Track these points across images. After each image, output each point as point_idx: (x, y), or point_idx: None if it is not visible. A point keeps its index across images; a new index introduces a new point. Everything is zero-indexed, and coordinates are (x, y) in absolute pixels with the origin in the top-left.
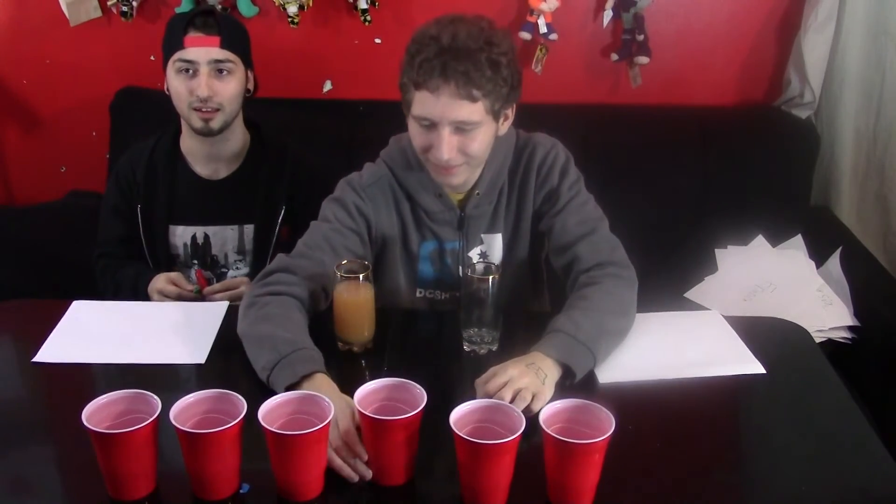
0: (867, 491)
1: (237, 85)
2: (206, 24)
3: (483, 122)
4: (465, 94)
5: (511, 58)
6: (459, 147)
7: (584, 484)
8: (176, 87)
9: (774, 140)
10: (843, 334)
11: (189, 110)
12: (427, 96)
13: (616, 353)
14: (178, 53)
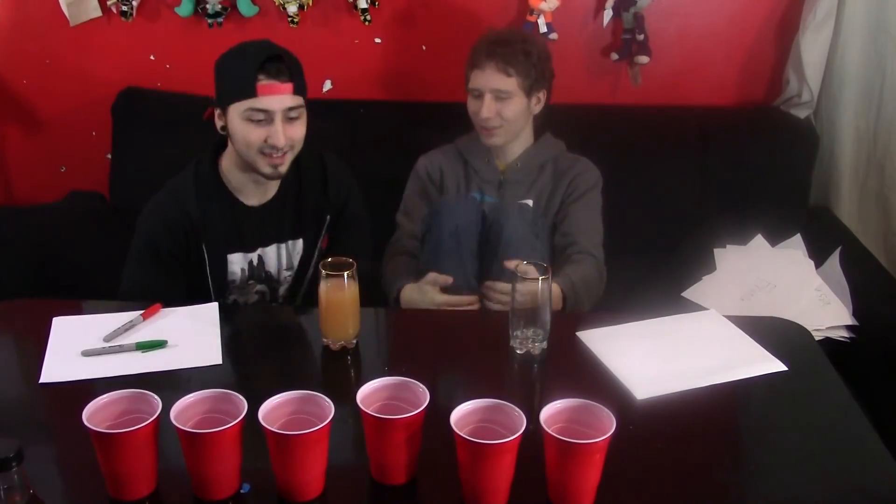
0: (867, 490)
1: (304, 127)
2: (279, 72)
3: (515, 94)
4: (502, 68)
5: (541, 53)
6: (497, 111)
7: (584, 484)
8: (245, 135)
9: (774, 140)
10: (842, 334)
11: (257, 155)
12: (477, 72)
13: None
14: (251, 102)
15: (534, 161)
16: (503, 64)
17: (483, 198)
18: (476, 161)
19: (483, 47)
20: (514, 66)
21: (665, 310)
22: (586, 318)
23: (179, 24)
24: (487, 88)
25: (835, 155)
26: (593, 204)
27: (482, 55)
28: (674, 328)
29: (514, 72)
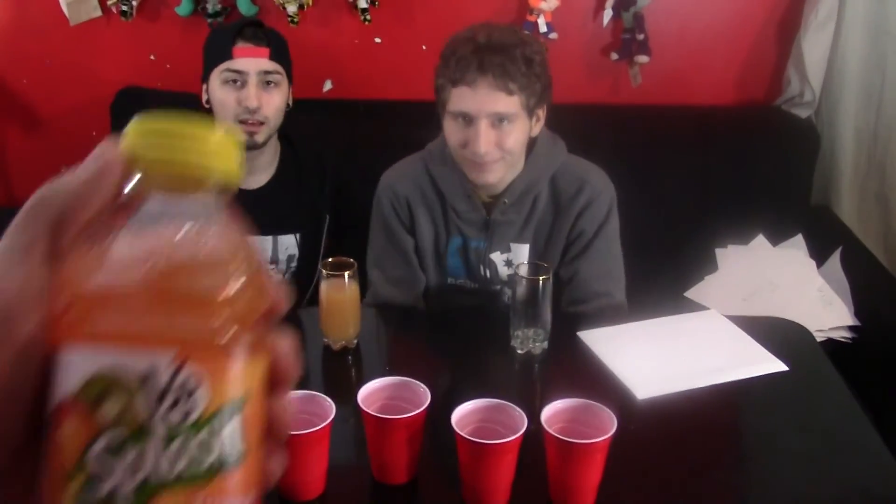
0: (868, 490)
1: (282, 98)
2: (255, 36)
3: (518, 117)
4: (501, 85)
5: (543, 58)
6: (496, 142)
7: (585, 484)
8: (222, 98)
9: (774, 140)
10: (844, 334)
11: (234, 122)
12: (465, 91)
13: (644, 366)
14: (227, 63)
15: (528, 191)
16: (502, 79)
17: (465, 242)
18: (454, 197)
19: (471, 56)
20: (515, 79)
21: (667, 310)
22: (587, 318)
23: (179, 24)
24: (483, 112)
25: (836, 155)
26: (607, 242)
27: (471, 67)
28: (674, 328)
29: (516, 88)
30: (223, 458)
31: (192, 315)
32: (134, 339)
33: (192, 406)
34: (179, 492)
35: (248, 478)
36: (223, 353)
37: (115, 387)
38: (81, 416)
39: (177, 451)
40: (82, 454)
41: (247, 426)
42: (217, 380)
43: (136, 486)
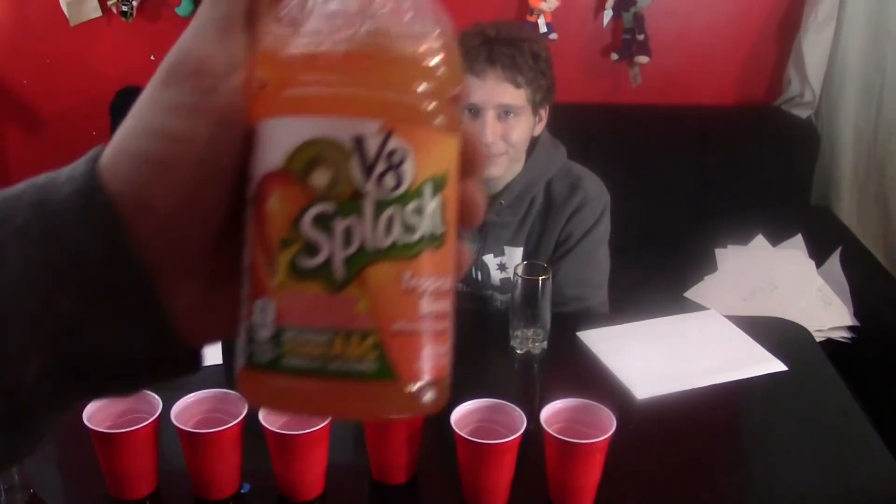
0: (868, 491)
1: None
2: None
3: (524, 111)
4: (509, 77)
5: (548, 56)
6: (502, 134)
7: (585, 484)
8: None
9: (774, 140)
10: (843, 334)
11: None
12: (473, 81)
13: (643, 366)
14: None
15: (525, 193)
16: (511, 70)
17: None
18: None
19: (480, 47)
20: (523, 72)
21: (666, 310)
22: (586, 318)
23: (179, 24)
24: (490, 104)
25: (835, 155)
26: (591, 247)
27: (480, 57)
28: (674, 328)
29: (523, 81)
30: (427, 235)
31: (399, 83)
32: (342, 107)
33: (401, 177)
34: (389, 263)
35: (448, 260)
36: (428, 124)
37: (326, 155)
38: (292, 186)
39: (387, 222)
40: (295, 223)
41: (447, 206)
42: (422, 153)
43: (350, 254)
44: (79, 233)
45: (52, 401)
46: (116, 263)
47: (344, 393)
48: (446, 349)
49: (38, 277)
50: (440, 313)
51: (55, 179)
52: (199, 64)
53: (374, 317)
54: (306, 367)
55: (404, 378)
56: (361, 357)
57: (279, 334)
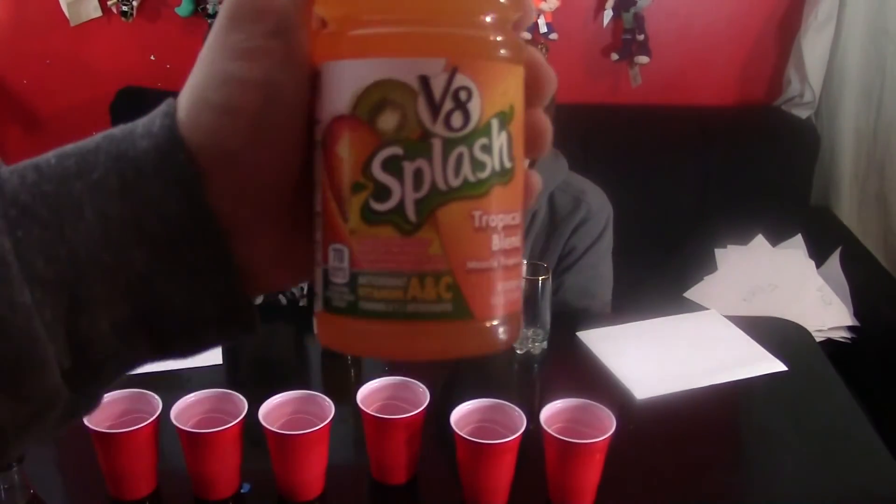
0: (868, 491)
1: None
2: None
3: None
4: None
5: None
6: None
7: (584, 484)
8: None
9: (774, 140)
10: (843, 334)
11: None
12: None
13: (643, 366)
14: None
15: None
16: None
17: None
18: None
19: None
20: None
21: (666, 310)
22: (586, 318)
23: (179, 24)
24: None
25: (835, 155)
26: (595, 260)
27: None
28: (674, 328)
29: None
30: (497, 171)
31: (460, 16)
32: (405, 47)
33: (468, 114)
34: (460, 203)
35: (517, 193)
36: (492, 57)
37: (392, 97)
38: (360, 130)
39: (456, 162)
40: (365, 168)
41: (514, 140)
42: (488, 88)
43: (421, 196)
44: (156, 188)
45: (118, 358)
46: (192, 219)
47: (421, 334)
48: (518, 283)
49: (113, 232)
50: (511, 248)
51: (132, 133)
52: (263, 4)
53: (448, 257)
54: (383, 311)
55: (480, 316)
56: (437, 298)
57: (355, 279)
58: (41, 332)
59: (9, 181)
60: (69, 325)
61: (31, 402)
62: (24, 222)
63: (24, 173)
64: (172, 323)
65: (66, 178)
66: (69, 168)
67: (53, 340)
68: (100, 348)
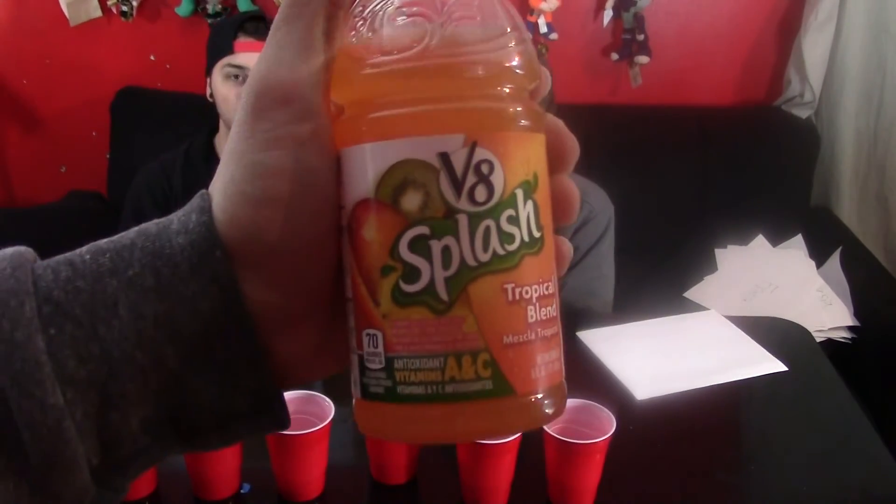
0: (868, 491)
1: None
2: (256, 30)
3: None
4: None
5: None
6: None
7: (584, 484)
8: (224, 93)
9: (774, 140)
10: (843, 334)
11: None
12: None
13: (643, 366)
14: (228, 58)
15: None
16: None
17: None
18: None
19: None
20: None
21: (666, 310)
22: (586, 318)
23: (179, 24)
24: None
25: (835, 155)
26: (597, 260)
27: None
28: (674, 328)
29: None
30: (526, 241)
31: (475, 90)
32: (422, 126)
33: (492, 187)
34: (492, 277)
35: (548, 262)
36: (510, 128)
37: (414, 177)
38: (385, 212)
39: (484, 236)
40: (393, 250)
41: (541, 208)
42: (509, 158)
43: (451, 274)
44: (192, 286)
45: (147, 453)
46: (227, 316)
47: (464, 414)
48: (558, 353)
49: (147, 330)
50: (548, 318)
51: (167, 229)
52: (286, 90)
53: (484, 334)
54: (422, 394)
55: (521, 391)
56: (476, 376)
57: (390, 363)
58: (72, 433)
59: (42, 277)
60: (100, 423)
61: (60, 500)
62: (57, 320)
63: (58, 269)
64: (203, 418)
65: (101, 276)
66: (103, 265)
67: (84, 439)
68: (129, 445)
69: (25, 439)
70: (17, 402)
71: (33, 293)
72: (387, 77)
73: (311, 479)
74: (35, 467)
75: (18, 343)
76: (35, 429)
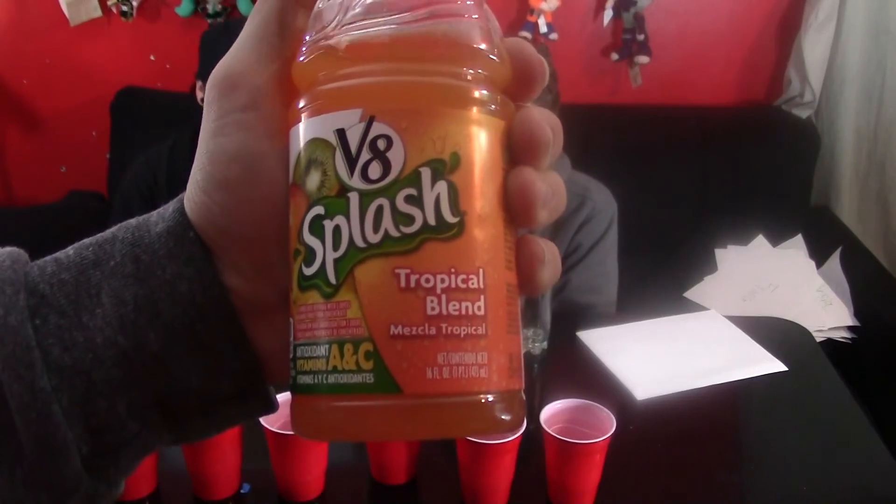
0: (868, 491)
1: None
2: None
3: None
4: None
5: (552, 72)
6: None
7: (584, 484)
8: None
9: (774, 140)
10: (843, 334)
11: None
12: None
13: (643, 366)
14: None
15: None
16: None
17: None
18: None
19: None
20: None
21: (666, 310)
22: (586, 318)
23: (179, 24)
24: None
25: (836, 155)
26: (601, 257)
27: None
28: (674, 328)
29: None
30: (429, 226)
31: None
32: (327, 104)
33: (388, 164)
34: (382, 260)
35: (469, 253)
36: (419, 103)
37: (316, 156)
38: (297, 194)
39: (375, 216)
40: (299, 232)
41: (462, 192)
42: (413, 135)
43: (339, 255)
44: (169, 270)
45: (138, 440)
46: (206, 297)
47: (344, 409)
48: (485, 357)
49: (129, 315)
50: (464, 315)
51: (147, 221)
52: (233, 80)
53: (368, 321)
54: (311, 384)
55: (410, 390)
56: (357, 368)
57: (294, 352)
58: (60, 418)
59: (29, 273)
60: (87, 410)
61: (53, 488)
62: (42, 311)
63: (45, 266)
64: (189, 402)
65: (85, 268)
66: (87, 257)
67: (72, 426)
68: (118, 432)
69: (17, 424)
70: (9, 385)
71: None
72: (310, 61)
73: (311, 479)
74: (26, 454)
75: (11, 327)
76: (25, 412)
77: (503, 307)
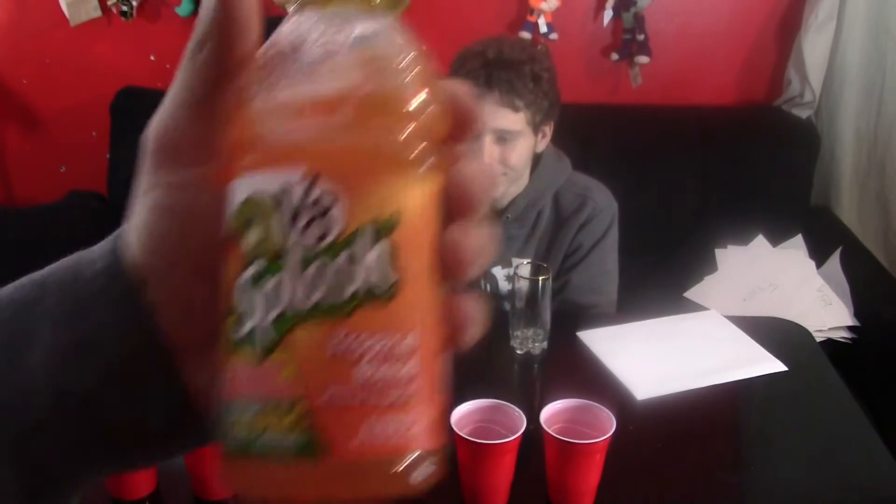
0: (868, 491)
1: None
2: None
3: (523, 133)
4: (507, 102)
5: (552, 75)
6: (499, 158)
7: (584, 484)
8: None
9: (774, 140)
10: (843, 334)
11: None
12: None
13: (643, 366)
14: None
15: (531, 207)
16: (509, 95)
17: None
18: None
19: (479, 70)
20: (522, 96)
21: (666, 310)
22: (586, 318)
23: (179, 24)
24: (487, 128)
25: (835, 155)
26: (601, 257)
27: (479, 82)
28: (674, 328)
29: (522, 104)
30: (368, 288)
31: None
32: (268, 161)
33: (328, 226)
34: (317, 324)
35: (405, 314)
36: (361, 163)
37: (255, 213)
38: (233, 251)
39: (313, 279)
40: (232, 289)
41: (401, 253)
42: (355, 195)
43: (274, 317)
44: (103, 311)
45: (78, 476)
46: (139, 335)
47: (271, 471)
48: (412, 419)
49: (63, 357)
50: (396, 378)
51: (88, 255)
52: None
53: (301, 385)
54: (240, 445)
55: (339, 454)
56: (289, 430)
57: (223, 410)
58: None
59: None
60: (19, 451)
61: None
62: None
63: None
64: (125, 439)
65: (24, 306)
66: (27, 296)
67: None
68: (54, 470)
69: None
70: None
71: None
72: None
73: None
74: None
75: None
76: None
77: (433, 366)
